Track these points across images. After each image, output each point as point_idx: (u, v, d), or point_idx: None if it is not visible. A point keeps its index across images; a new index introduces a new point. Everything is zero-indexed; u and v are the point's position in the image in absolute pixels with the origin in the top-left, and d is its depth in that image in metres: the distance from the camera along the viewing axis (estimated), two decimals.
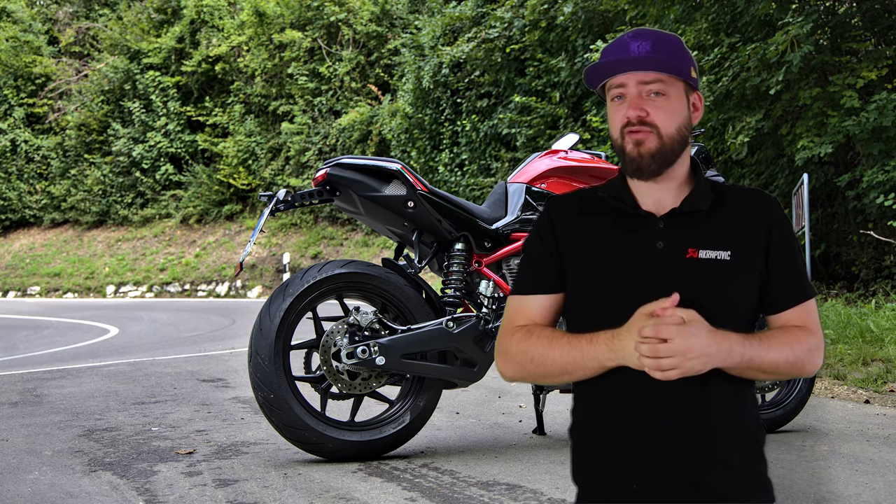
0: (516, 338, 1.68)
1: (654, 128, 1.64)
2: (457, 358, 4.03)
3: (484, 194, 16.82)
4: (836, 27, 9.67)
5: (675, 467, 1.57)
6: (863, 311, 7.87)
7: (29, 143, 29.29)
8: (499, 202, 4.33)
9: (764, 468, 1.65)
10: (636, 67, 1.64)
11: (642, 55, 1.64)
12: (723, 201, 1.69)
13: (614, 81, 1.67)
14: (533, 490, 3.35)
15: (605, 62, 1.66)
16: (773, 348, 1.60)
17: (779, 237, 1.67)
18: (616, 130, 1.67)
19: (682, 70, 1.66)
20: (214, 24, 26.47)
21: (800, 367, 1.64)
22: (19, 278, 27.10)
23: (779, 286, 1.67)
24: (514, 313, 1.73)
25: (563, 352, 1.62)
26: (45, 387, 6.37)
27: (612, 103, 1.68)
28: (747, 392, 1.65)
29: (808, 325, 1.67)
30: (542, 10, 15.09)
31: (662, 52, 1.65)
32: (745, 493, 1.60)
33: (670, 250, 1.63)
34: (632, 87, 1.65)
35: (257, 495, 3.33)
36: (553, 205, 1.76)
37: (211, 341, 10.49)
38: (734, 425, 1.61)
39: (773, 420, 4.38)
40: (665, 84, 1.65)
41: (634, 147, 1.65)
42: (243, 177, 24.99)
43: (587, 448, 1.67)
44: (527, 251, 1.76)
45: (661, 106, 1.65)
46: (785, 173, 10.61)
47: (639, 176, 1.67)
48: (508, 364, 1.70)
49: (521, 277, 1.75)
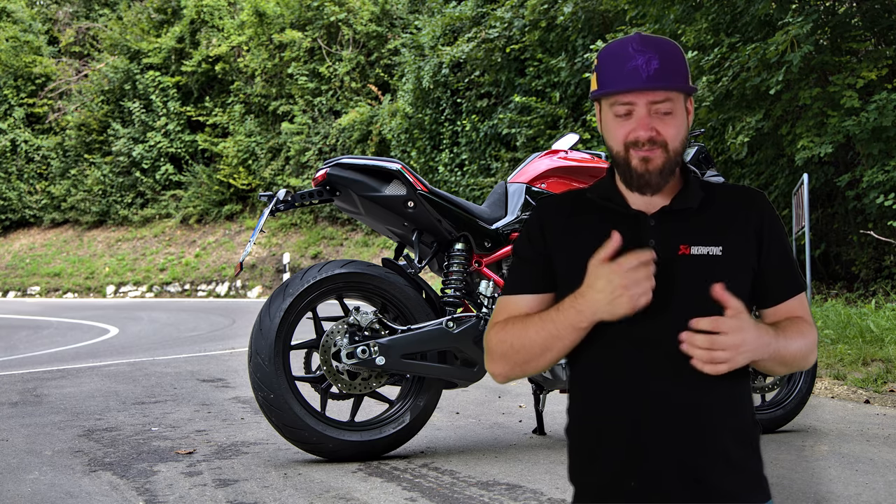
0: (494, 331, 1.69)
1: (663, 145, 1.63)
2: (457, 358, 4.03)
3: (484, 194, 16.82)
4: (836, 27, 9.67)
5: (675, 464, 1.58)
6: (863, 311, 7.87)
7: (29, 143, 29.29)
8: (499, 202, 4.33)
9: (760, 466, 1.66)
10: (649, 88, 1.62)
11: (653, 77, 1.61)
12: (713, 199, 1.70)
13: (622, 98, 1.64)
14: (533, 490, 3.35)
15: (616, 90, 1.63)
16: (793, 339, 1.63)
17: (770, 232, 1.68)
18: (619, 144, 1.65)
19: (686, 84, 1.66)
20: (214, 24, 26.47)
21: (807, 359, 1.67)
22: (19, 278, 27.09)
23: (773, 280, 1.69)
24: (499, 312, 1.73)
25: (538, 328, 1.62)
26: (45, 387, 6.37)
27: (615, 117, 1.65)
28: (744, 387, 1.66)
29: (804, 316, 1.70)
30: (542, 10, 15.09)
31: (670, 69, 1.63)
32: (744, 489, 1.61)
33: (662, 248, 1.63)
34: (641, 107, 1.63)
35: (257, 495, 3.33)
36: (542, 206, 1.76)
37: (211, 341, 10.49)
38: (732, 420, 1.62)
39: (773, 420, 4.38)
40: (672, 101, 1.64)
41: (642, 164, 1.63)
42: (243, 177, 24.99)
43: (584, 447, 1.67)
44: (516, 252, 1.77)
45: (669, 122, 1.64)
46: (785, 173, 10.61)
47: (644, 191, 1.66)
48: (494, 360, 1.69)
49: (510, 278, 1.76)
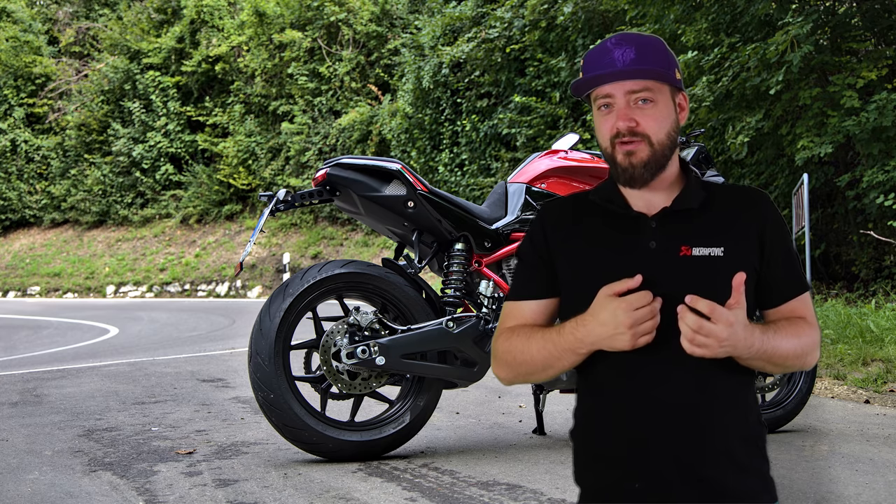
0: (501, 339, 1.72)
1: (645, 137, 1.64)
2: (457, 358, 4.03)
3: (484, 194, 16.81)
4: (836, 27, 9.67)
5: (678, 464, 1.58)
6: (863, 311, 7.86)
7: (29, 143, 29.28)
8: (499, 202, 4.33)
9: (766, 466, 1.66)
10: (622, 79, 1.63)
11: (628, 65, 1.63)
12: (714, 199, 1.70)
13: (601, 91, 1.66)
14: (533, 490, 3.35)
15: (590, 77, 1.65)
16: (785, 339, 1.62)
17: (773, 232, 1.68)
18: (605, 140, 1.67)
19: (668, 75, 1.66)
20: (214, 24, 26.46)
21: (803, 360, 1.66)
22: (19, 278, 27.08)
23: (777, 280, 1.69)
24: (506, 317, 1.76)
25: (539, 346, 1.64)
26: (45, 387, 6.37)
27: (599, 112, 1.68)
28: (748, 387, 1.66)
29: (807, 316, 1.70)
30: (542, 10, 15.09)
31: (647, 59, 1.63)
32: (750, 490, 1.61)
33: (663, 249, 1.63)
34: (619, 97, 1.64)
35: (257, 495, 3.33)
36: (545, 210, 1.77)
37: (211, 341, 10.49)
38: (735, 420, 1.62)
39: (773, 420, 4.38)
40: (652, 91, 1.64)
41: (626, 157, 1.65)
42: (243, 177, 24.98)
43: (588, 449, 1.67)
44: (519, 256, 1.78)
45: (650, 113, 1.64)
46: (785, 173, 10.61)
47: (631, 185, 1.67)
48: (499, 366, 1.73)
49: (515, 283, 1.77)
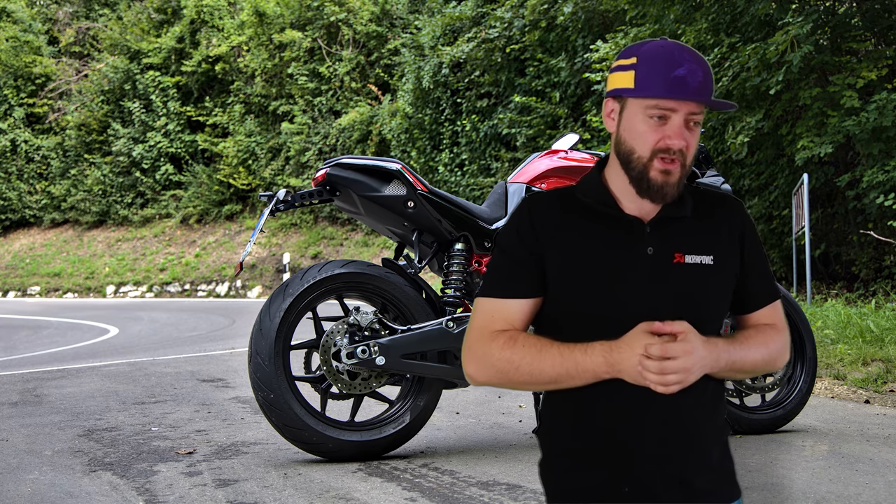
0: (498, 344, 1.61)
1: (684, 157, 1.61)
2: (457, 358, 4.02)
3: (484, 194, 16.82)
4: (836, 27, 9.68)
5: (662, 466, 1.58)
6: (863, 311, 7.86)
7: (29, 143, 29.28)
8: (499, 202, 4.33)
9: (732, 464, 1.69)
10: (695, 100, 1.59)
11: (698, 87, 1.58)
12: (700, 206, 1.69)
13: (664, 103, 1.59)
14: (533, 490, 3.34)
15: (665, 94, 1.57)
16: (752, 349, 1.64)
17: (750, 240, 1.70)
18: (646, 150, 1.60)
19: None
20: (214, 24, 26.47)
21: (773, 365, 1.69)
22: (19, 278, 27.09)
23: (753, 288, 1.71)
24: (490, 316, 1.65)
25: (555, 362, 1.57)
26: (45, 387, 6.37)
27: (648, 119, 1.60)
28: (721, 390, 1.69)
29: (777, 323, 1.72)
30: (542, 10, 15.10)
31: (710, 83, 1.61)
32: (719, 487, 1.63)
33: (659, 255, 1.62)
34: (680, 116, 1.59)
35: (257, 495, 3.33)
36: (531, 203, 1.67)
37: (211, 341, 10.49)
38: (710, 422, 1.64)
39: (773, 420, 4.38)
40: (701, 115, 1.63)
41: (663, 175, 1.60)
42: (243, 177, 24.99)
43: (568, 451, 1.64)
44: (504, 250, 1.66)
45: (694, 136, 1.62)
46: (785, 173, 10.62)
47: (652, 199, 1.62)
48: (484, 369, 1.63)
49: (499, 278, 1.65)
